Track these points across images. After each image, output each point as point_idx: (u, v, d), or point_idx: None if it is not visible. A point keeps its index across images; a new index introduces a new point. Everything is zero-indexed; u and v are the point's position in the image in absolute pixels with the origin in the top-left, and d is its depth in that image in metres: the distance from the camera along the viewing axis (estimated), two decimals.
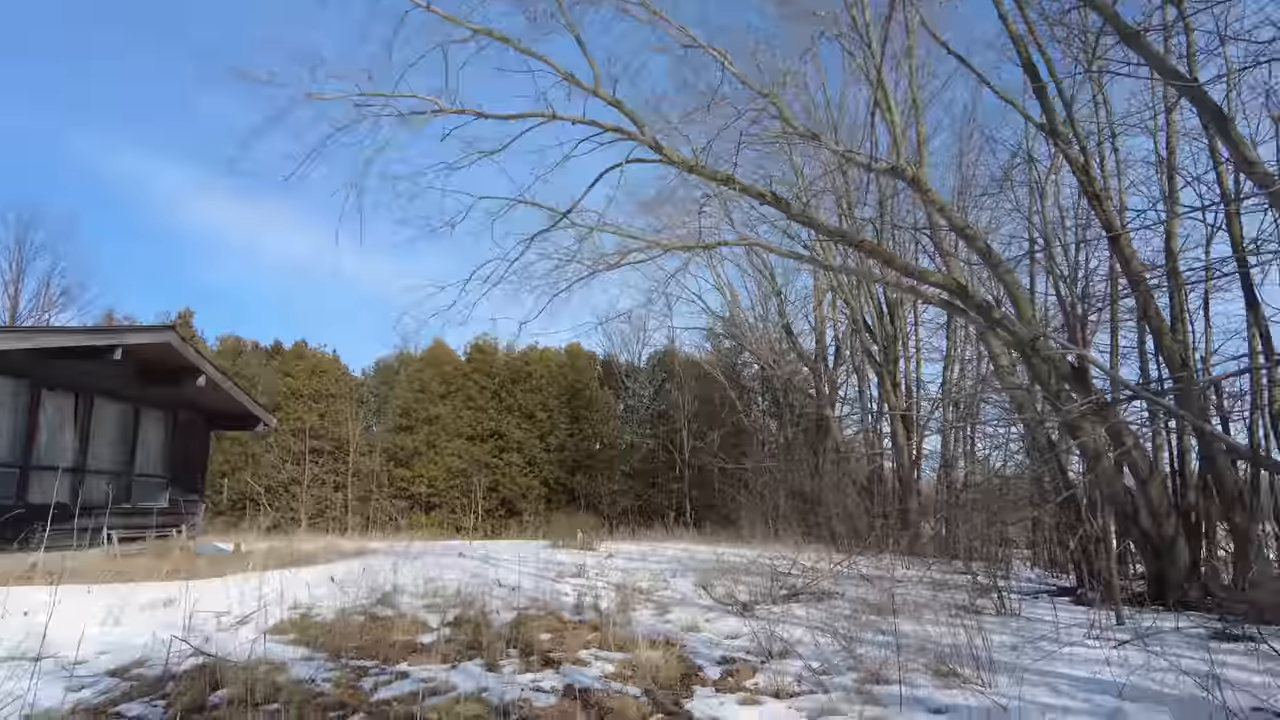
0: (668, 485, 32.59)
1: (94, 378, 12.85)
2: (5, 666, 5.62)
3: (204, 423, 16.43)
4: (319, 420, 31.68)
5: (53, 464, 12.37)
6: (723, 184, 10.35)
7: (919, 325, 23.77)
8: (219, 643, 6.57)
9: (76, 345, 11.73)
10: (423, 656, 6.50)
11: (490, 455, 32.68)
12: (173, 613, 7.97)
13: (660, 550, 17.50)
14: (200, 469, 16.63)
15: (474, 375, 34.51)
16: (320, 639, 7.04)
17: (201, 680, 5.51)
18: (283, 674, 5.71)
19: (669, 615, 8.53)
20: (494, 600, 8.95)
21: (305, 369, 33.04)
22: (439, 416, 32.98)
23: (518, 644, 6.74)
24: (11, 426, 11.75)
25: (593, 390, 35.04)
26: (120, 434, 14.03)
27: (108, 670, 5.89)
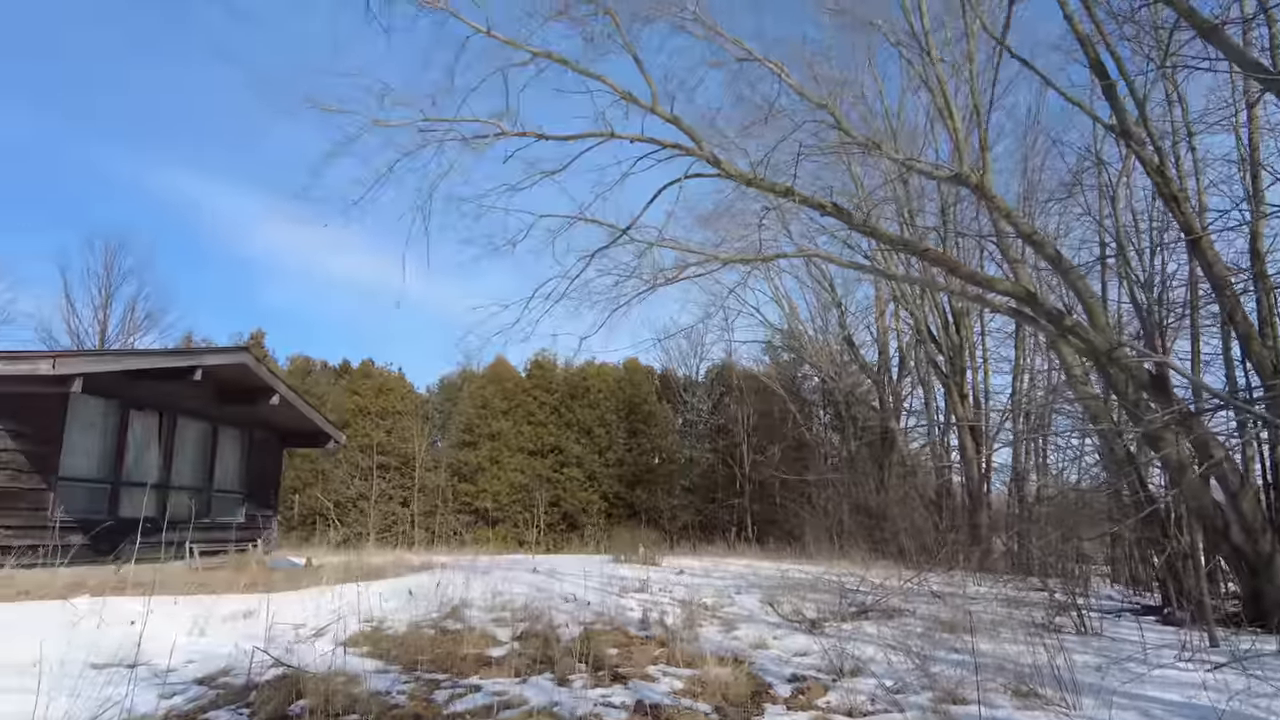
0: (728, 500, 32.35)
1: (177, 398, 13.42)
2: (106, 672, 5.89)
3: (277, 440, 16.98)
4: (386, 437, 32.44)
5: (140, 480, 12.94)
6: (782, 196, 10.31)
7: (986, 334, 23.20)
8: (297, 654, 6.76)
9: (161, 367, 12.30)
10: (493, 670, 6.57)
11: (551, 470, 32.97)
12: (253, 624, 8.23)
13: (723, 566, 17.36)
14: (274, 485, 17.18)
15: (534, 391, 34.93)
16: (393, 651, 7.18)
17: (283, 690, 5.67)
18: (359, 686, 5.83)
19: (736, 632, 8.45)
20: (560, 614, 9.00)
21: (372, 387, 33.92)
22: (501, 432, 33.45)
23: (586, 659, 6.76)
24: (102, 445, 12.35)
25: (651, 405, 35.10)
26: (200, 452, 14.61)
27: (196, 678, 6.11)
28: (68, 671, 5.62)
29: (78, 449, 11.82)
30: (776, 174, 10.74)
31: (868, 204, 16.30)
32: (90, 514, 11.75)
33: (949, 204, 20.29)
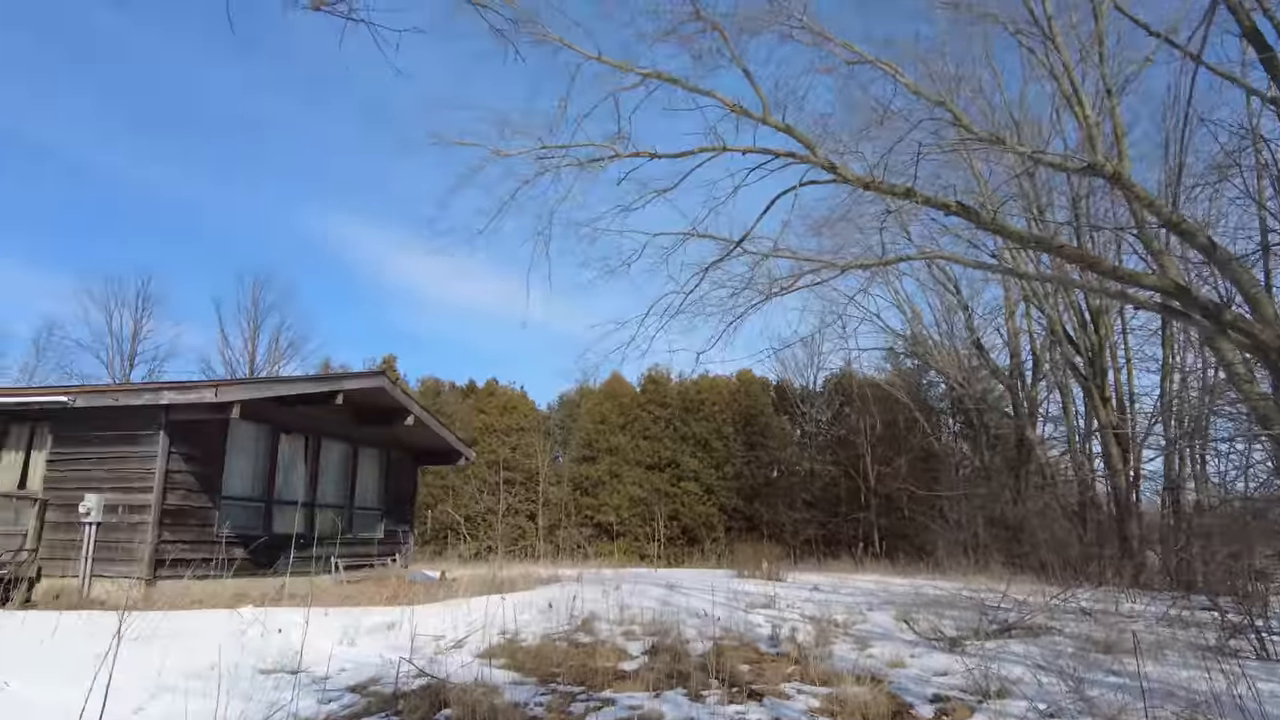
0: (852, 514, 31.46)
1: (320, 421, 14.33)
2: (272, 678, 6.36)
3: (412, 459, 17.83)
4: (510, 453, 33.48)
5: (290, 499, 13.89)
6: (902, 198, 10.01)
7: (1128, 332, 21.61)
8: (439, 665, 7.06)
9: (306, 393, 13.17)
10: (626, 684, 6.63)
11: (668, 484, 33.07)
12: (396, 636, 8.66)
13: (850, 582, 16.89)
14: (410, 501, 18.04)
15: (648, 406, 35.20)
16: (528, 664, 7.38)
17: (428, 700, 5.93)
18: (499, 697, 6.02)
19: (870, 649, 8.19)
20: (688, 629, 8.99)
21: (497, 405, 35.14)
22: (618, 447, 33.87)
23: (718, 674, 6.72)
24: (256, 466, 13.33)
25: (767, 417, 34.68)
26: (342, 471, 15.53)
27: (348, 686, 6.48)
28: (240, 676, 6.09)
29: (236, 470, 12.82)
30: (894, 176, 10.44)
31: (993, 201, 15.57)
32: (248, 530, 12.69)
33: (1081, 196, 19.12)
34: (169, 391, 11.36)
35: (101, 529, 11.08)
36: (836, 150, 10.69)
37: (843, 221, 12.98)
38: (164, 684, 5.78)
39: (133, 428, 11.43)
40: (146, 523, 11.00)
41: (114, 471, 11.42)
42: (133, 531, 11.04)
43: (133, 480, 11.27)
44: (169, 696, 5.55)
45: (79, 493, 11.24)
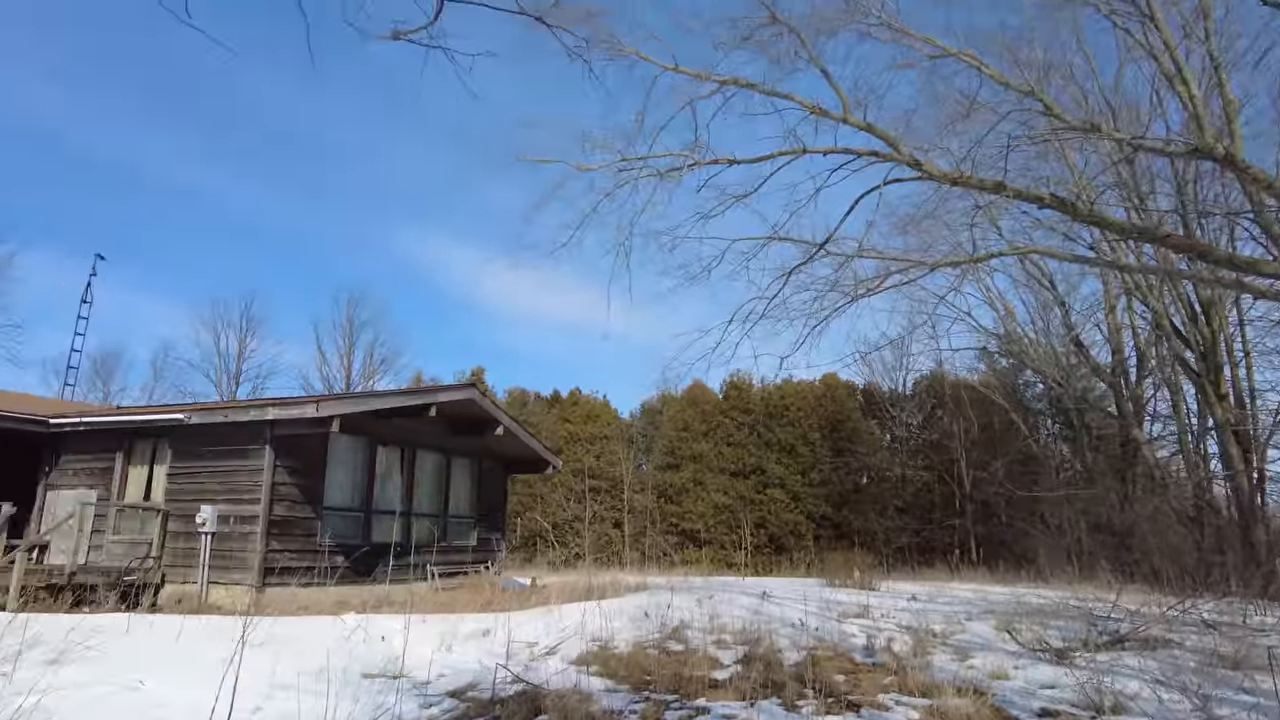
0: (947, 520, 30.42)
1: (415, 433, 14.81)
2: (376, 682, 6.60)
3: (501, 468, 18.23)
4: (595, 461, 33.81)
5: (387, 509, 14.39)
6: (991, 192, 9.66)
7: (1244, 324, 20.18)
8: (533, 671, 7.18)
9: (401, 406, 13.64)
10: (719, 693, 6.60)
11: (753, 491, 32.74)
12: (491, 642, 8.86)
13: (947, 590, 16.33)
14: (501, 510, 18.44)
15: (731, 412, 34.97)
16: (620, 671, 7.43)
17: (524, 706, 6.04)
18: (593, 704, 6.08)
19: (970, 660, 7.91)
20: (780, 638, 8.88)
21: (580, 414, 35.57)
22: (702, 454, 33.77)
23: (813, 684, 6.61)
24: (355, 478, 13.87)
25: (855, 421, 33.95)
26: (436, 481, 16.00)
27: (447, 691, 6.67)
28: (346, 680, 6.34)
29: (336, 482, 13.37)
30: (982, 170, 10.09)
31: (1089, 192, 14.87)
32: (348, 539, 13.21)
33: (1187, 182, 18.04)
34: (274, 407, 11.97)
35: (216, 538, 11.73)
36: (920, 147, 10.40)
37: (929, 219, 12.62)
38: (278, 685, 6.07)
39: (241, 442, 12.09)
40: (256, 532, 11.59)
41: (225, 484, 12.09)
42: (244, 541, 11.66)
43: (242, 492, 11.91)
44: (283, 697, 5.83)
45: (195, 504, 11.95)
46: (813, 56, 10.09)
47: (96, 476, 13.36)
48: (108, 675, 6.13)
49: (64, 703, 5.30)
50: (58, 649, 6.57)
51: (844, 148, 9.92)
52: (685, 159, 9.87)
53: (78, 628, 7.31)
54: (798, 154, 10.06)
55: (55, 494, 13.59)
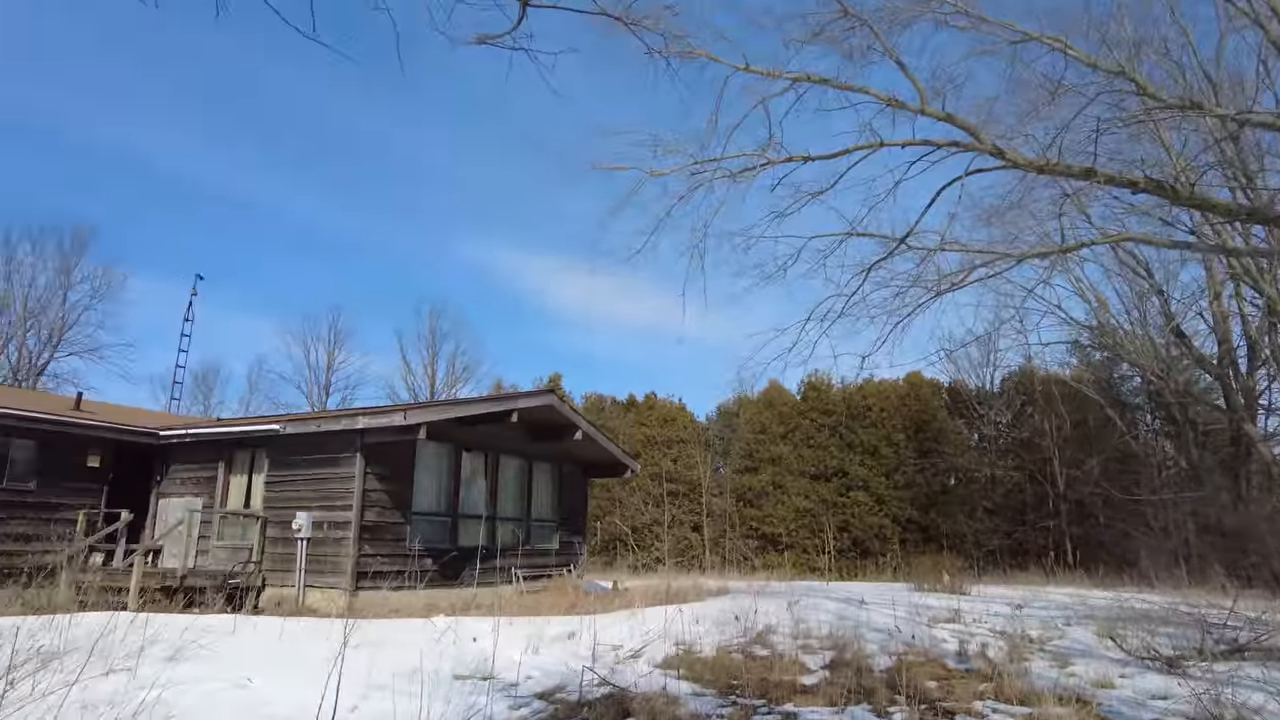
0: (1040, 521, 29.21)
1: (497, 438, 15.11)
2: (467, 683, 6.75)
3: (581, 472, 18.42)
4: (672, 465, 33.80)
5: (472, 513, 14.72)
6: (1080, 179, 9.25)
7: None
8: (619, 674, 7.22)
9: (484, 413, 13.94)
10: (807, 698, 6.50)
11: (836, 494, 32.14)
12: (576, 645, 8.95)
13: (1042, 595, 15.69)
14: (581, 513, 18.62)
15: (810, 414, 34.43)
16: (706, 675, 7.40)
17: (611, 709, 6.08)
18: (679, 708, 6.07)
19: (1071, 668, 7.57)
20: (868, 644, 8.69)
21: (657, 418, 35.63)
22: (781, 457, 33.36)
23: (903, 690, 6.44)
24: (440, 483, 14.23)
25: (940, 421, 32.97)
26: (519, 486, 16.28)
27: (536, 693, 6.76)
28: (438, 680, 6.50)
29: (423, 487, 13.74)
30: (1070, 156, 9.67)
31: (1188, 173, 14.06)
32: (436, 543, 13.56)
33: None
34: (364, 416, 12.40)
35: (311, 544, 12.22)
36: (1003, 135, 10.04)
37: (1014, 210, 12.17)
38: (374, 685, 6.27)
39: (333, 451, 12.56)
40: (348, 538, 12.02)
41: (319, 491, 12.58)
42: (337, 546, 12.10)
43: (335, 499, 12.37)
44: (378, 697, 6.02)
45: (291, 511, 12.48)
46: (887, 49, 9.86)
47: (201, 485, 14.10)
48: (219, 673, 6.46)
49: (181, 698, 5.60)
50: (174, 647, 6.95)
51: (922, 139, 9.65)
52: (758, 158, 9.78)
53: (190, 627, 7.73)
54: (874, 148, 9.85)
55: (166, 501, 14.40)
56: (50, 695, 5.20)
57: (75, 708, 5.09)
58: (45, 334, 35.97)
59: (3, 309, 34.81)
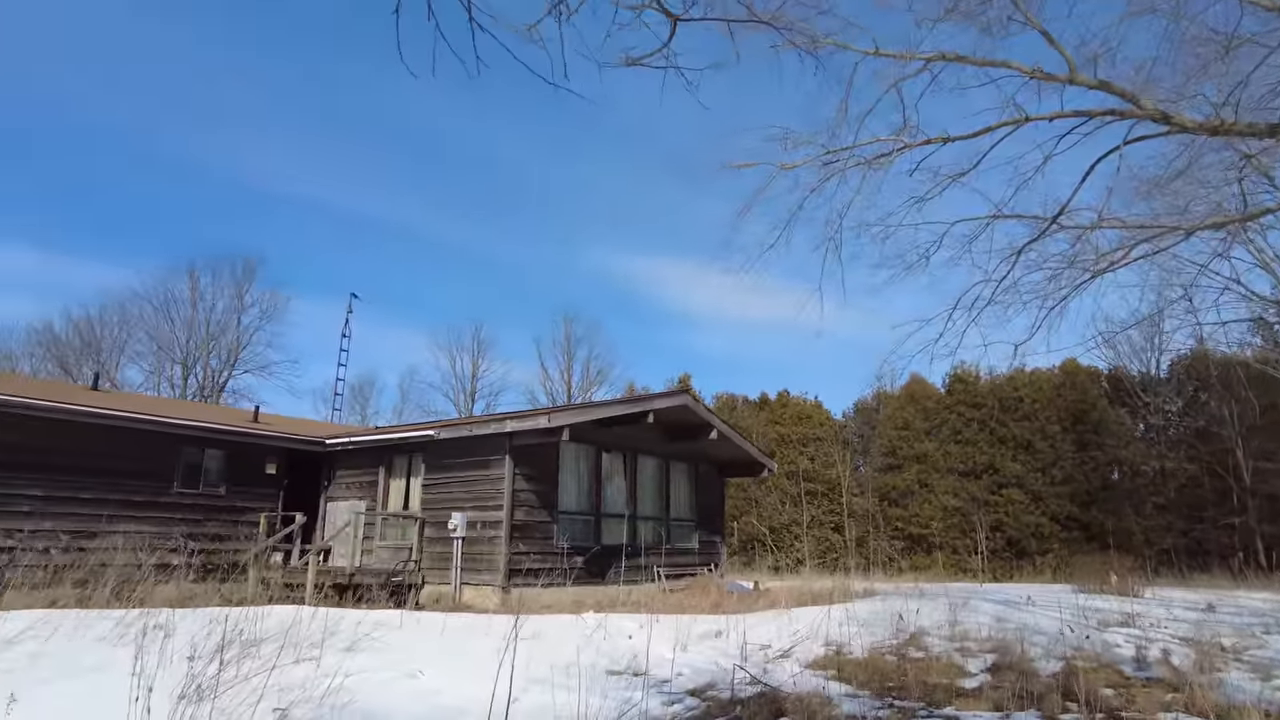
0: (1223, 518, 26.61)
1: (634, 439, 15.36)
2: (619, 679, 6.92)
3: (716, 472, 18.42)
4: (809, 463, 33.18)
5: (615, 512, 15.03)
6: (1264, 137, 8.38)
7: None
8: (770, 674, 7.17)
9: (621, 414, 14.21)
10: (969, 701, 6.22)
11: (987, 492, 30.52)
12: (723, 643, 8.95)
13: (1231, 599, 14.29)
14: (719, 513, 18.62)
15: (956, 408, 32.89)
16: (859, 676, 7.22)
17: (765, 707, 6.04)
18: (834, 708, 5.96)
19: (1276, 680, 6.86)
20: (1032, 647, 8.21)
21: (791, 416, 35.09)
22: (926, 454, 32.04)
23: (1076, 697, 6.04)
24: (582, 483, 14.61)
25: (1100, 411, 30.66)
26: (657, 485, 16.48)
27: (687, 690, 6.82)
28: (593, 676, 6.69)
29: (567, 487, 14.16)
30: (1247, 115, 8.77)
31: None
32: (581, 542, 13.93)
33: None
34: (511, 420, 12.93)
35: (465, 542, 12.85)
36: (1166, 99, 9.24)
37: (1180, 179, 11.17)
38: (532, 679, 6.52)
39: (483, 453, 13.16)
40: (500, 536, 12.55)
41: (471, 492, 13.22)
42: (490, 544, 12.67)
43: (486, 499, 12.95)
44: (537, 690, 6.25)
45: (446, 511, 13.17)
46: (1029, 18, 9.28)
47: (364, 489, 15.13)
48: (391, 664, 6.92)
49: (361, 686, 6.04)
50: (350, 639, 7.50)
51: (1073, 110, 9.04)
52: (893, 143, 9.46)
53: (363, 621, 8.31)
54: (1019, 123, 9.31)
55: (334, 504, 15.55)
56: (253, 678, 5.74)
57: (274, 691, 5.59)
58: (224, 354, 39.78)
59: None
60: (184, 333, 39.05)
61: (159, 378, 38.71)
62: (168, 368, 38.87)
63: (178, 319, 39.09)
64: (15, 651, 6.29)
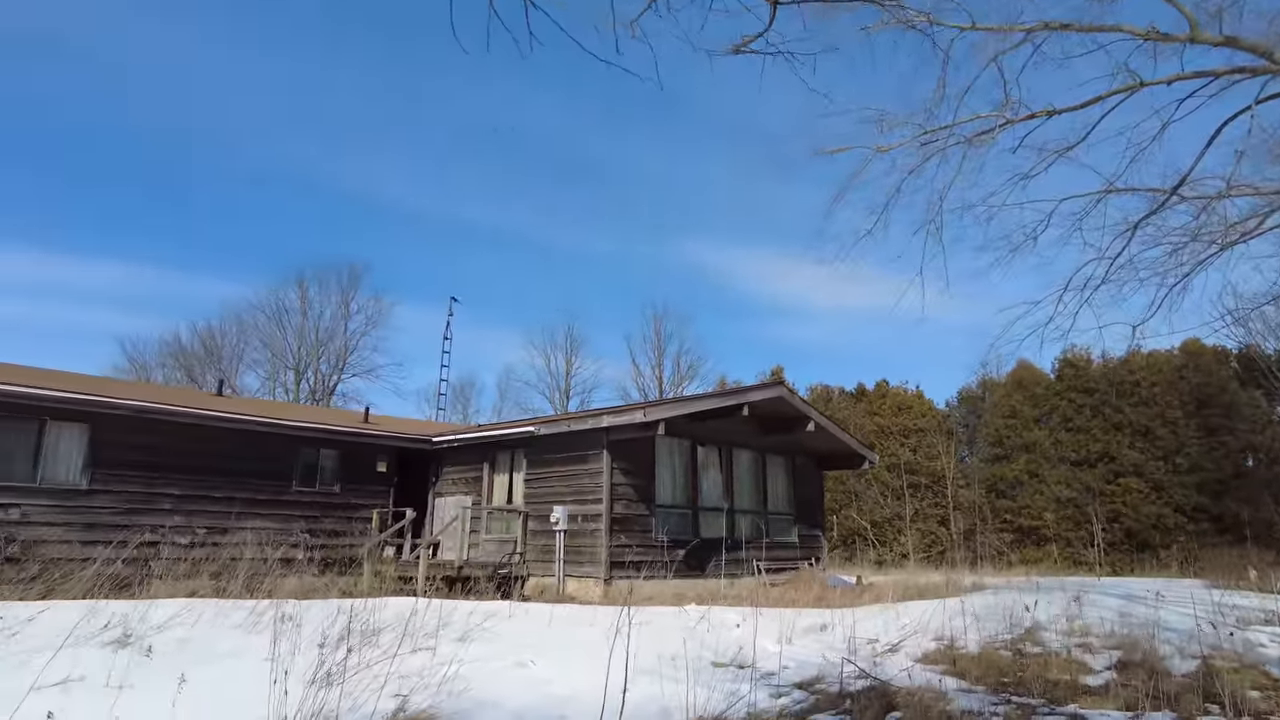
0: None
1: (729, 433, 15.30)
2: (724, 671, 6.93)
3: (814, 464, 18.14)
4: (912, 455, 32.25)
5: (712, 505, 15.03)
6: None
7: None
8: (879, 668, 7.03)
9: (716, 407, 14.18)
10: (1094, 700, 5.94)
11: (1103, 482, 28.92)
12: (829, 637, 8.83)
13: None
14: (818, 506, 18.33)
15: (1067, 394, 31.29)
16: (972, 671, 7.00)
17: (875, 701, 5.93)
18: (949, 704, 5.80)
19: None
20: (1161, 645, 7.76)
21: (890, 407, 34.17)
22: (1035, 442, 30.63)
23: (1216, 699, 5.68)
24: (678, 477, 14.65)
25: (1230, 394, 28.57)
26: (753, 478, 16.37)
27: (794, 683, 6.77)
28: (699, 667, 6.73)
29: (664, 481, 14.24)
30: None
31: None
32: (679, 535, 13.98)
33: None
34: (607, 415, 13.11)
35: (567, 535, 13.11)
36: None
37: None
38: (639, 669, 6.59)
39: (582, 448, 13.39)
40: (600, 529, 12.75)
41: (571, 486, 13.47)
42: (590, 537, 12.88)
43: (586, 493, 13.17)
44: (644, 680, 6.33)
45: (547, 505, 13.47)
46: None
47: (469, 484, 15.63)
48: (501, 653, 7.14)
49: (475, 674, 6.26)
50: (463, 629, 7.78)
51: (1195, 71, 8.47)
52: (995, 119, 9.07)
53: (474, 612, 8.60)
54: (1132, 90, 8.78)
55: (441, 500, 16.13)
56: (374, 666, 6.04)
57: (395, 678, 5.86)
58: (333, 359, 41.80)
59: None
60: (295, 340, 41.29)
61: (274, 383, 41.06)
62: (281, 373, 41.19)
63: (289, 327, 41.38)
64: (166, 636, 6.81)
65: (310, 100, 61.50)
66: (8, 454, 11.89)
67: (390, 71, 64.93)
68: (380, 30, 73.62)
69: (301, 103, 60.85)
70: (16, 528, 11.58)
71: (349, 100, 63.23)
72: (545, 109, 70.66)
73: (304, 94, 60.57)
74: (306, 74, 58.59)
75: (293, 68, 59.12)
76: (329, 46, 62.03)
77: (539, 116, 70.17)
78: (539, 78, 74.61)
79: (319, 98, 61.23)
